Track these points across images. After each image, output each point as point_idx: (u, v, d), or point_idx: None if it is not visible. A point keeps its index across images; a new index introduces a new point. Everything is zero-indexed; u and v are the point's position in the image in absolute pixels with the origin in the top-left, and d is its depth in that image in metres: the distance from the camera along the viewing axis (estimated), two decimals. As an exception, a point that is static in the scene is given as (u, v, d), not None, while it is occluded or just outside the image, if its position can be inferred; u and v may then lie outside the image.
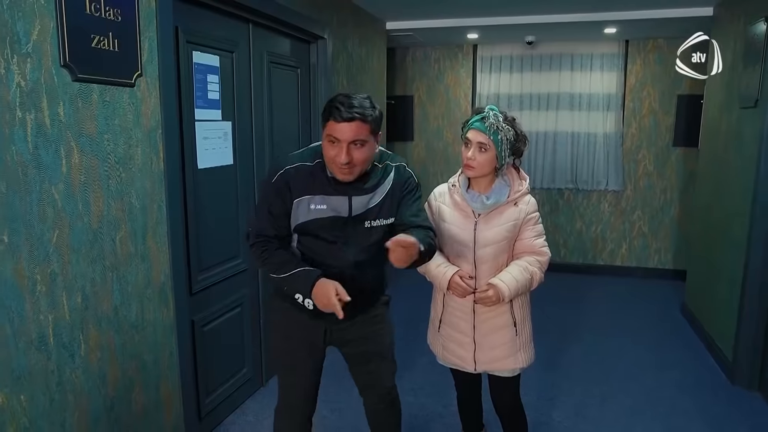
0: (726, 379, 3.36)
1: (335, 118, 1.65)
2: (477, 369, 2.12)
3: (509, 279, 1.97)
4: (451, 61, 5.86)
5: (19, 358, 1.62)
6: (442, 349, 2.20)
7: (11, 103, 1.55)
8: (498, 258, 2.03)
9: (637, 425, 2.85)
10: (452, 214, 2.06)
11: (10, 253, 1.57)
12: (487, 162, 1.95)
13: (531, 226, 2.04)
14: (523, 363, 2.12)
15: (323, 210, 1.76)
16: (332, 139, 1.67)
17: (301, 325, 1.93)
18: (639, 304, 4.79)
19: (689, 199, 5.25)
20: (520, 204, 2.02)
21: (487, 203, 1.99)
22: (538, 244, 2.05)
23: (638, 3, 4.25)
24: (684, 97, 5.21)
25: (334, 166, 1.70)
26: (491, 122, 1.92)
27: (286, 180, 1.77)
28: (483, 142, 1.93)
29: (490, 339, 2.08)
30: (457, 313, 2.11)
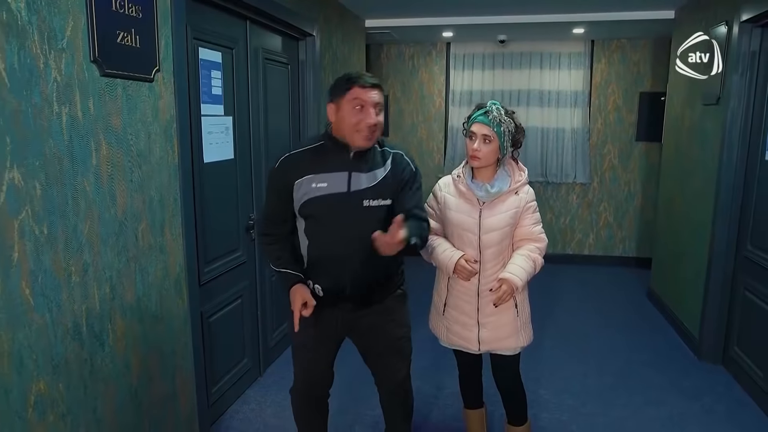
0: (693, 355, 3.64)
1: (362, 85, 1.80)
2: (481, 349, 2.26)
3: (517, 270, 2.12)
4: (424, 59, 6.01)
5: (57, 346, 1.66)
6: (446, 331, 2.33)
7: (49, 97, 1.59)
8: (501, 243, 2.17)
9: (617, 398, 3.08)
10: (458, 203, 2.19)
11: (49, 244, 1.61)
12: (491, 152, 2.09)
13: (530, 214, 2.19)
14: (523, 342, 2.28)
15: (324, 188, 1.85)
16: (359, 103, 1.79)
17: (315, 311, 2.01)
18: (607, 291, 5.08)
19: (651, 190, 5.59)
20: (521, 193, 2.17)
21: (491, 192, 2.13)
22: (536, 231, 2.20)
23: (604, 5, 4.50)
24: (646, 94, 5.53)
25: (359, 131, 1.81)
26: (494, 115, 2.07)
27: (288, 164, 1.91)
28: (487, 134, 2.07)
29: (493, 320, 2.22)
30: (461, 296, 2.24)
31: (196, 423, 2.46)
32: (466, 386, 2.50)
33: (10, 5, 1.46)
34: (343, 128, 1.84)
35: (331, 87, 1.90)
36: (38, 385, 1.60)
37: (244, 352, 3.10)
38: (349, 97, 1.81)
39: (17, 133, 1.49)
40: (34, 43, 1.53)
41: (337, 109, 1.85)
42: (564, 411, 2.92)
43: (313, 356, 2.09)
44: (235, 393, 3.01)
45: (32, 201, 1.55)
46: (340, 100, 1.83)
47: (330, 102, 1.88)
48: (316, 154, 1.90)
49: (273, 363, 3.47)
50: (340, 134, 1.87)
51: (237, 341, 3.01)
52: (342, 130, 1.85)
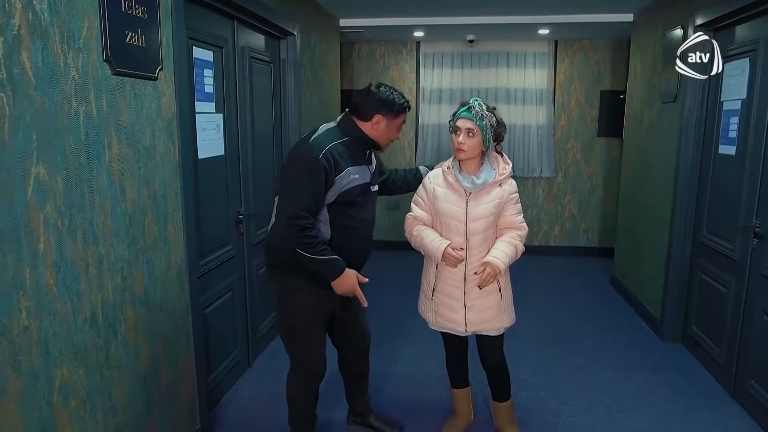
0: (655, 336, 3.92)
1: (407, 111, 2.25)
2: (467, 330, 2.42)
3: (500, 254, 2.29)
4: (395, 57, 6.15)
5: (77, 334, 1.73)
6: (434, 315, 2.47)
7: (68, 95, 1.66)
8: (486, 231, 2.32)
9: (589, 376, 3.30)
10: (446, 193, 2.33)
11: (69, 236, 1.68)
12: (476, 145, 2.25)
13: (512, 205, 2.36)
14: (507, 323, 2.45)
15: (357, 178, 2.16)
16: (401, 126, 2.26)
17: (323, 298, 2.19)
18: (573, 279, 5.35)
19: (612, 183, 5.89)
20: (504, 185, 2.33)
21: (477, 183, 2.28)
22: (518, 220, 2.37)
23: (568, 8, 4.74)
24: (606, 92, 5.83)
25: (388, 141, 2.27)
26: (477, 110, 2.23)
27: (334, 155, 2.08)
28: (470, 128, 2.23)
29: (478, 303, 2.37)
30: (449, 281, 2.39)
31: (197, 410, 2.54)
32: (453, 367, 2.66)
33: (35, 6, 1.52)
34: (381, 137, 2.22)
35: (385, 100, 2.18)
36: (62, 371, 1.67)
37: (235, 344, 3.18)
38: (399, 120, 2.24)
39: (42, 130, 1.56)
40: (55, 42, 1.60)
41: (387, 124, 2.20)
42: (542, 389, 3.12)
43: (324, 338, 2.31)
44: (228, 383, 3.09)
45: (55, 195, 1.62)
46: (393, 117, 2.21)
47: (382, 115, 2.18)
48: (347, 148, 2.16)
49: (260, 355, 3.56)
50: (375, 138, 2.22)
51: (228, 333, 3.09)
52: (379, 136, 2.22)
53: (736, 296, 3.05)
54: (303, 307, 2.21)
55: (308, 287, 2.17)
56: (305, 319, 2.22)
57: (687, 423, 2.82)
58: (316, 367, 2.29)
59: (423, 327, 2.58)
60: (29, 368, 1.54)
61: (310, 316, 2.22)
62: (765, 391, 2.75)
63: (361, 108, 2.18)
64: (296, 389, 2.33)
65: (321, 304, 2.21)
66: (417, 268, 2.58)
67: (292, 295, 2.21)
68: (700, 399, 3.06)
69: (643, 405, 2.99)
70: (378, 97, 2.16)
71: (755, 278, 2.88)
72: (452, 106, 6.10)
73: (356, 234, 2.22)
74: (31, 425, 1.56)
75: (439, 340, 2.61)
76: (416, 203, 2.43)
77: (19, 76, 1.47)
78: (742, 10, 2.99)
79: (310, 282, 2.15)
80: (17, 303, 1.49)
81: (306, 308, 2.20)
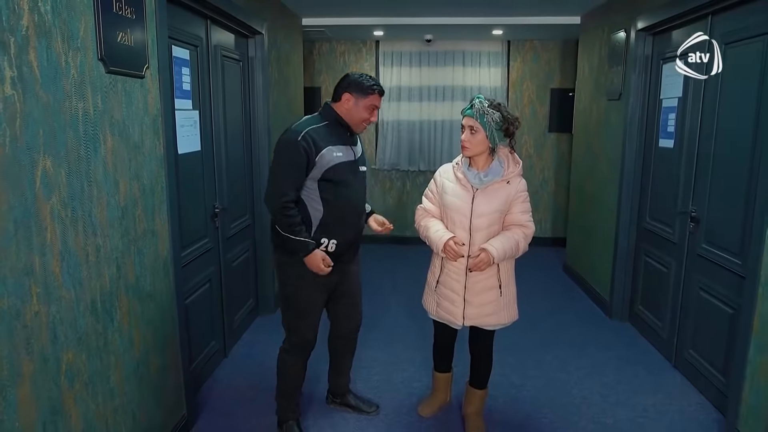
0: (605, 316, 4.24)
1: (380, 93, 2.36)
2: (464, 324, 2.51)
3: (497, 244, 2.34)
4: (355, 55, 6.30)
5: (80, 320, 1.82)
6: (436, 306, 2.58)
7: (69, 92, 1.74)
8: (490, 227, 2.38)
9: (548, 353, 3.57)
10: (454, 188, 2.42)
11: (72, 227, 1.76)
12: (479, 142, 2.31)
13: (520, 203, 2.39)
14: (505, 320, 2.52)
15: (341, 156, 2.33)
16: (373, 107, 2.36)
17: None
18: (529, 267, 5.59)
19: (563, 176, 6.24)
20: (513, 183, 2.36)
21: (484, 180, 2.35)
22: (524, 219, 2.40)
23: (520, 11, 5.02)
24: (556, 90, 6.16)
25: (363, 124, 2.39)
26: (477, 108, 2.28)
27: (313, 136, 2.26)
28: (472, 125, 2.30)
29: (478, 298, 2.45)
30: (452, 275, 2.47)
31: (183, 397, 2.63)
32: (439, 354, 2.81)
33: (40, 8, 1.60)
34: (352, 118, 2.36)
35: (354, 81, 2.35)
36: (68, 355, 1.76)
37: (213, 334, 3.27)
38: (368, 100, 2.35)
39: (47, 125, 1.64)
40: (57, 42, 1.68)
41: (355, 103, 2.34)
42: (506, 366, 3.36)
43: (319, 309, 2.49)
44: (207, 372, 3.18)
45: (59, 187, 1.70)
46: (361, 97, 2.34)
47: (350, 94, 2.34)
48: (327, 129, 2.35)
49: (236, 345, 3.66)
50: (345, 118, 2.37)
51: (207, 323, 3.18)
52: (351, 118, 2.36)
53: (676, 276, 3.38)
54: (298, 277, 2.38)
55: (300, 260, 2.33)
56: (300, 289, 2.39)
57: (635, 390, 3.11)
58: (305, 337, 2.45)
59: (390, 313, 2.76)
60: (40, 351, 1.63)
61: (304, 287, 2.39)
62: (702, 358, 3.08)
63: (335, 91, 2.41)
64: (285, 359, 2.50)
65: (312, 275, 2.36)
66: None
67: (287, 266, 2.40)
68: (645, 369, 3.37)
69: (596, 377, 3.27)
70: (349, 80, 2.37)
71: (692, 258, 3.20)
72: (411, 104, 6.34)
73: (346, 211, 2.37)
74: (43, 406, 1.64)
75: (406, 325, 2.78)
76: (426, 196, 2.54)
77: (27, 74, 1.55)
78: (677, 17, 3.30)
79: None
80: (29, 289, 1.58)
81: (301, 279, 2.38)
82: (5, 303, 1.48)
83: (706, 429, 2.75)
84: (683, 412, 2.89)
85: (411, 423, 2.78)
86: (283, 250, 2.38)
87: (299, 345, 2.49)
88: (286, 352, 2.53)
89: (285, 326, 2.51)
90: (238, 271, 3.71)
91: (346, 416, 2.82)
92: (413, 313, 4.07)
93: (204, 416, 2.83)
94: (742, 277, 2.67)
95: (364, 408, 2.83)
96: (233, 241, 3.59)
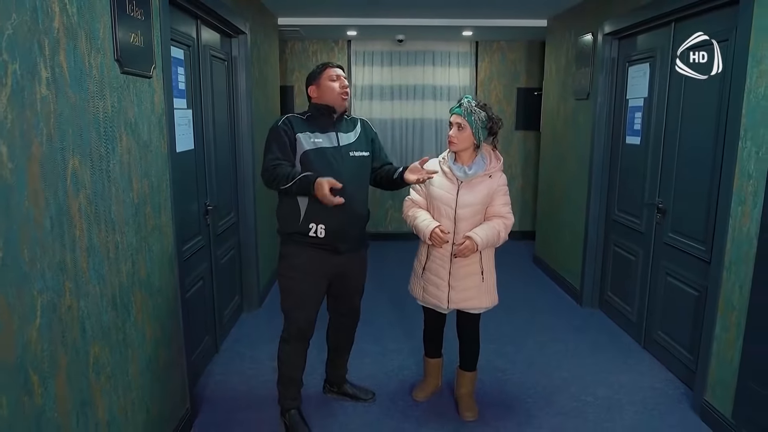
0: (576, 304, 4.49)
1: (331, 66, 2.51)
2: (449, 308, 2.69)
3: (481, 232, 2.53)
4: (327, 55, 6.38)
5: (104, 314, 1.87)
6: (422, 291, 2.74)
7: (92, 92, 1.78)
8: (473, 218, 2.57)
9: (527, 339, 3.78)
10: (440, 181, 2.59)
11: (95, 224, 1.81)
12: (465, 138, 2.51)
13: (501, 196, 2.60)
14: (487, 303, 2.71)
15: (321, 141, 2.46)
16: (333, 77, 2.48)
17: (314, 259, 2.48)
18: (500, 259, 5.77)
19: (529, 172, 6.50)
20: (494, 177, 2.58)
21: (468, 173, 2.54)
22: (504, 210, 2.61)
23: (488, 13, 5.22)
24: (522, 89, 6.41)
25: (337, 96, 2.47)
26: (465, 106, 2.50)
27: (288, 122, 2.46)
28: (459, 122, 2.50)
29: (462, 283, 2.64)
30: (437, 261, 2.65)
31: (187, 391, 2.68)
32: (429, 340, 2.96)
33: (68, 10, 1.65)
34: (327, 97, 2.48)
35: (309, 76, 2.56)
36: (94, 348, 1.81)
37: (206, 330, 3.32)
38: (325, 76, 2.49)
39: (74, 125, 1.69)
40: (82, 43, 1.73)
41: (318, 87, 2.50)
42: (490, 353, 3.54)
43: (315, 300, 2.56)
44: (201, 367, 3.23)
45: (85, 185, 1.75)
46: (319, 79, 2.50)
47: (311, 85, 2.52)
48: (307, 119, 2.50)
49: (225, 340, 3.70)
50: (323, 102, 2.49)
51: (201, 319, 3.23)
52: (325, 99, 2.49)
53: (644, 263, 3.63)
54: (296, 268, 2.48)
55: (296, 252, 2.48)
56: (297, 279, 2.48)
57: (609, 371, 3.34)
58: (301, 325, 2.54)
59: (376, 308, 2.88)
60: (72, 344, 1.68)
61: (302, 277, 2.48)
62: (669, 338, 3.33)
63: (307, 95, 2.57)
64: (284, 348, 2.59)
65: (306, 268, 2.47)
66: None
67: (284, 257, 2.52)
68: (617, 351, 3.62)
69: (573, 359, 3.49)
70: (307, 77, 2.58)
71: (659, 246, 3.46)
72: (383, 102, 6.47)
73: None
74: (75, 397, 1.69)
75: (391, 319, 2.91)
76: (414, 188, 2.69)
77: (59, 74, 1.60)
78: (641, 24, 3.55)
79: (301, 248, 2.47)
80: (62, 284, 1.62)
81: (299, 269, 2.47)
82: (45, 298, 1.53)
83: (675, 402, 2.99)
84: (655, 389, 3.14)
85: (406, 407, 2.92)
86: (287, 242, 2.49)
87: (294, 333, 2.57)
88: (284, 341, 2.61)
89: (284, 315, 2.59)
90: (227, 269, 3.75)
91: (344, 405, 2.93)
92: (398, 307, 4.21)
93: (204, 410, 2.88)
94: (706, 262, 2.92)
95: (361, 396, 2.95)
96: (221, 239, 3.63)
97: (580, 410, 2.90)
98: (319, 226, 2.43)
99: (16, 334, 1.41)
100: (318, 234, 2.43)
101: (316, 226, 2.43)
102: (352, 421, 2.79)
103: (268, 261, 4.57)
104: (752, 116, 2.46)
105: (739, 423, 2.52)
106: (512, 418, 2.83)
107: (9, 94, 1.38)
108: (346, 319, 2.80)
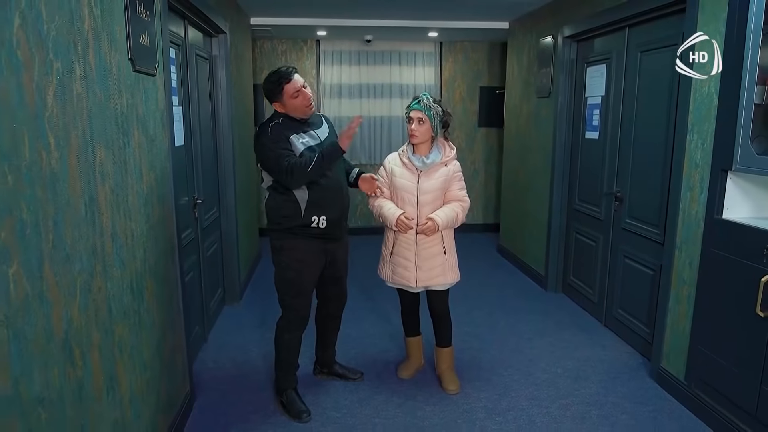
0: (541, 289, 4.81)
1: (288, 80, 2.54)
2: (417, 286, 2.95)
3: (441, 214, 2.83)
4: (296, 54, 6.51)
5: (124, 298, 1.99)
6: (391, 273, 2.99)
7: (112, 90, 1.91)
8: (434, 203, 2.86)
9: (498, 322, 4.05)
10: (402, 171, 2.86)
11: (117, 213, 1.94)
12: (426, 131, 2.78)
13: (457, 181, 2.89)
14: (451, 279, 2.98)
15: (308, 140, 2.60)
16: (296, 92, 2.55)
17: (313, 249, 2.67)
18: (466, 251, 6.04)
19: (492, 167, 6.81)
20: (450, 165, 2.86)
21: (427, 163, 2.82)
22: (461, 194, 2.91)
23: (452, 15, 5.49)
24: (484, 88, 6.72)
25: (303, 107, 2.58)
26: (425, 102, 2.76)
27: (282, 125, 2.58)
28: (420, 117, 2.76)
29: (427, 262, 2.91)
30: (403, 245, 2.91)
31: (187, 376, 2.81)
32: (406, 319, 3.18)
33: (94, 12, 1.77)
34: (295, 111, 2.60)
35: (266, 92, 2.61)
36: (118, 328, 1.93)
37: (197, 320, 3.43)
38: (286, 94, 2.56)
39: (100, 120, 1.81)
40: (104, 43, 1.85)
41: (283, 103, 2.59)
42: (465, 335, 3.78)
43: (313, 287, 2.76)
44: (192, 355, 3.33)
45: (109, 176, 1.87)
46: (281, 97, 2.57)
47: (274, 102, 2.60)
48: (284, 124, 2.59)
49: (212, 330, 3.82)
50: (292, 115, 2.61)
51: (192, 310, 3.34)
52: (293, 113, 2.60)
53: (604, 247, 3.96)
54: (293, 260, 2.65)
55: (296, 245, 2.63)
56: (293, 270, 2.65)
57: (575, 346, 3.64)
58: (302, 313, 2.72)
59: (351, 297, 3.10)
60: (102, 323, 1.80)
61: (298, 268, 2.65)
62: (628, 315, 3.66)
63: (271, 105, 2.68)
64: (283, 334, 2.75)
65: (308, 258, 2.65)
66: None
67: (284, 251, 2.66)
68: (581, 329, 3.93)
69: (541, 338, 3.78)
70: (265, 93, 2.63)
71: (617, 231, 3.79)
72: (352, 101, 6.65)
73: (328, 189, 2.62)
74: (105, 373, 1.82)
75: (367, 306, 3.11)
76: (378, 181, 2.92)
77: (89, 72, 1.72)
78: (598, 28, 3.87)
79: (300, 240, 2.63)
80: (94, 266, 1.75)
81: (295, 261, 2.65)
82: (82, 279, 1.66)
83: (635, 370, 3.31)
84: (616, 360, 3.45)
85: (393, 385, 3.12)
86: (285, 236, 2.64)
87: (297, 321, 2.74)
88: (284, 329, 2.77)
89: (283, 305, 2.75)
90: (212, 262, 3.87)
91: (335, 384, 3.12)
92: (372, 294, 4.42)
93: (202, 394, 3.01)
94: (660, 244, 3.25)
95: (351, 375, 3.14)
96: (207, 233, 3.75)
97: (551, 381, 3.18)
98: (321, 218, 2.62)
99: (63, 311, 1.53)
100: (320, 225, 2.62)
101: (318, 219, 2.61)
102: (344, 397, 2.98)
103: (247, 256, 4.69)
104: (698, 112, 2.78)
105: (690, 383, 2.85)
106: (492, 389, 3.08)
107: (54, 90, 1.50)
108: (336, 302, 2.99)
